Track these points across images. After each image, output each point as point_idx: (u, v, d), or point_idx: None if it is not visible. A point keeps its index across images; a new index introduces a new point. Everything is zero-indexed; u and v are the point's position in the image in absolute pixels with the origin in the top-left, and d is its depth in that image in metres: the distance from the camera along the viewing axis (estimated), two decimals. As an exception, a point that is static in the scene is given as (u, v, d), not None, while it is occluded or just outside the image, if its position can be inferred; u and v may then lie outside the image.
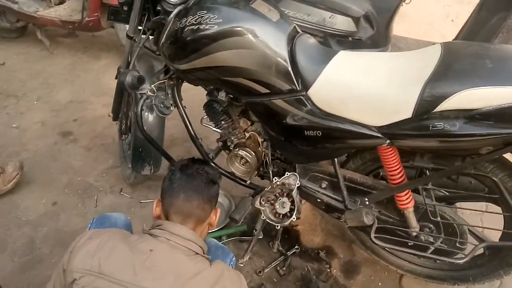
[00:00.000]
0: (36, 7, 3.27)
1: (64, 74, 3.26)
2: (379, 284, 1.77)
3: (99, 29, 3.29)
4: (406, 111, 1.11)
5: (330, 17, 2.42)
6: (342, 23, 2.45)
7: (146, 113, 1.77)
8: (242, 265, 1.70)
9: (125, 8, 1.59)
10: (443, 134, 1.06)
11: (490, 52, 1.12)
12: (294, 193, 1.51)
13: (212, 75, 1.39)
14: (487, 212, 1.38)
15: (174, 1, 1.47)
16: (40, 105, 2.89)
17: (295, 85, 1.30)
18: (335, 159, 1.42)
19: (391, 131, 1.16)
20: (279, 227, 1.53)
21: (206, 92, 1.65)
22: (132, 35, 1.62)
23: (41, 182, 2.20)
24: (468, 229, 1.43)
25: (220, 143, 1.75)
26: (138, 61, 1.82)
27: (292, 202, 1.53)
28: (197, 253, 1.04)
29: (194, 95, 1.93)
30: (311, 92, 1.28)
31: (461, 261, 1.26)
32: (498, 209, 1.35)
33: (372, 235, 1.38)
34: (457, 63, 1.10)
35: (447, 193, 1.43)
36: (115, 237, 1.00)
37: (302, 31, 1.41)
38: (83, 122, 2.71)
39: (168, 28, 1.43)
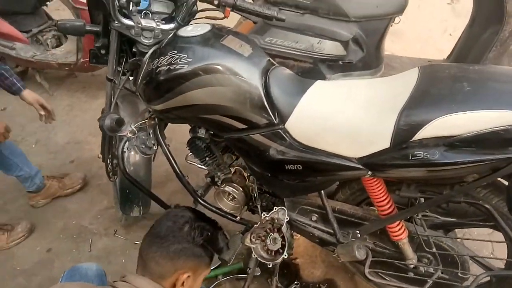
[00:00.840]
0: (33, 52, 3.34)
1: (62, 115, 3.29)
2: (385, 319, 1.66)
3: (94, 69, 3.35)
4: (383, 141, 1.06)
5: (318, 43, 2.40)
6: (331, 48, 2.43)
7: (132, 153, 1.75)
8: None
9: (103, 52, 1.60)
10: (424, 163, 1.01)
11: (469, 74, 1.07)
12: (284, 228, 1.44)
13: (189, 113, 1.36)
14: (485, 240, 1.28)
15: (148, 42, 1.48)
16: (38, 148, 2.90)
17: (271, 119, 1.26)
18: (322, 191, 1.36)
19: (371, 162, 1.11)
20: (270, 265, 1.47)
21: (189, 128, 1.63)
22: (112, 77, 1.61)
23: (37, 228, 2.18)
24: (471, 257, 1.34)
25: (208, 179, 1.71)
26: (122, 102, 1.81)
27: (283, 238, 1.46)
28: None
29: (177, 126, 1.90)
30: (288, 125, 1.24)
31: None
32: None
33: (366, 270, 1.30)
34: (433, 87, 1.05)
35: (443, 221, 1.35)
36: None
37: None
38: (80, 163, 2.71)
39: (143, 69, 1.42)
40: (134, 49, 1.52)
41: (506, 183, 1.01)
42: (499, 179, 1.09)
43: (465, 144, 0.96)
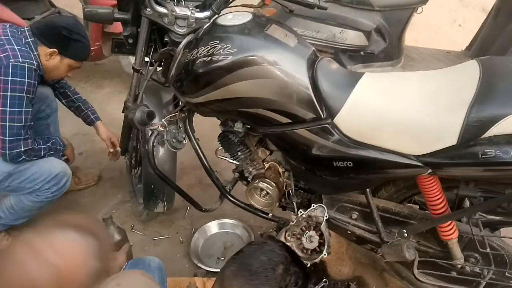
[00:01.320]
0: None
1: (68, 106, 3.19)
2: (418, 316, 1.63)
3: (101, 58, 3.22)
4: (450, 138, 1.00)
5: (340, 33, 2.34)
6: (353, 38, 2.36)
7: (156, 148, 1.68)
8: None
9: (130, 41, 1.51)
10: (495, 162, 0.95)
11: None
12: (323, 226, 1.39)
13: (228, 107, 1.29)
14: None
15: (182, 31, 1.39)
16: (45, 140, 2.80)
17: (319, 113, 1.20)
18: (368, 189, 1.30)
19: (434, 160, 1.05)
20: (309, 264, 1.41)
21: (220, 122, 1.56)
22: (139, 68, 1.53)
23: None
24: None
25: (237, 174, 1.64)
26: (146, 94, 1.73)
27: (321, 236, 1.41)
28: None
29: (202, 121, 1.83)
30: (338, 119, 1.18)
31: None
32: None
33: (415, 271, 1.26)
34: (501, 82, 1.00)
35: (491, 219, 1.30)
36: None
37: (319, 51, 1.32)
38: (89, 156, 2.62)
39: (177, 60, 1.35)
40: (166, 39, 1.43)
41: None
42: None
43: (543, 143, 0.91)
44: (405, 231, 1.29)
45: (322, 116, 1.20)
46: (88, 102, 2.03)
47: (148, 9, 1.37)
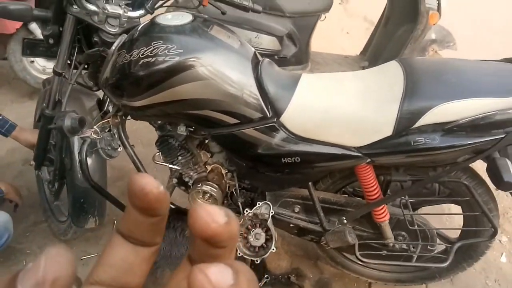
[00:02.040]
0: None
1: None
2: (352, 296, 1.79)
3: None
4: (386, 130, 1.13)
5: (256, 37, 2.43)
6: (267, 43, 2.48)
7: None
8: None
9: (51, 41, 1.37)
10: (425, 148, 1.11)
11: (446, 67, 1.21)
12: (269, 222, 1.44)
13: (174, 109, 1.26)
14: (451, 214, 1.47)
15: (114, 31, 1.32)
16: None
17: (266, 113, 1.24)
18: (310, 183, 1.39)
19: (372, 150, 1.18)
20: (258, 261, 1.45)
21: (156, 127, 1.51)
22: (61, 71, 1.40)
23: None
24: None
25: (175, 180, 1.60)
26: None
27: (267, 232, 1.46)
28: None
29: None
30: (284, 118, 1.24)
31: (445, 264, 1.33)
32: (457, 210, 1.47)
33: (357, 253, 1.38)
34: (423, 78, 1.16)
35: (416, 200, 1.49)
36: None
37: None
38: (-15, 174, 2.28)
39: (111, 62, 1.27)
40: (95, 39, 1.33)
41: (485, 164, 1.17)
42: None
43: (461, 129, 1.09)
44: (344, 218, 1.41)
45: (269, 115, 1.24)
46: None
47: (75, 6, 1.27)
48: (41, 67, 2.81)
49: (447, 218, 1.83)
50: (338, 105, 1.20)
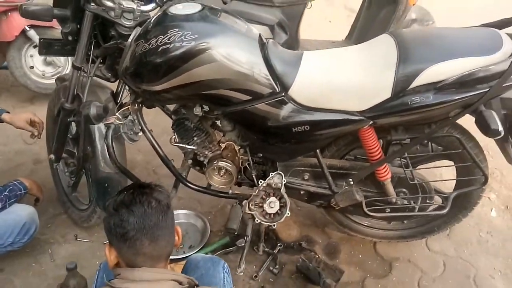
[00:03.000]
0: None
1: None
2: (360, 256, 1.94)
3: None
4: (385, 93, 1.28)
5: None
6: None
7: (103, 145, 1.65)
8: (241, 273, 1.69)
9: (70, 38, 1.48)
10: (421, 106, 1.26)
11: (432, 34, 1.37)
12: (283, 190, 1.57)
13: (191, 91, 1.38)
14: (446, 166, 1.63)
15: (130, 24, 1.43)
16: None
17: (275, 88, 1.37)
18: (317, 150, 1.53)
19: (374, 113, 1.32)
20: (275, 225, 1.59)
21: (170, 112, 1.63)
22: (80, 65, 1.51)
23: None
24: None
25: (190, 161, 1.72)
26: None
27: (280, 200, 1.59)
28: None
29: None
30: (292, 92, 1.37)
31: (445, 211, 1.49)
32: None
33: (365, 209, 1.53)
34: (413, 45, 1.32)
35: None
36: None
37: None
38: (2, 172, 2.36)
39: (130, 52, 1.39)
40: (112, 33, 1.44)
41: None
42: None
43: (450, 86, 1.24)
44: (350, 179, 1.56)
45: (278, 90, 1.38)
46: None
47: (92, 4, 1.38)
48: (40, 72, 2.89)
49: (440, 175, 1.99)
50: (340, 75, 1.35)
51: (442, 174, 2.03)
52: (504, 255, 1.95)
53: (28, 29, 2.65)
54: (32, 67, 2.85)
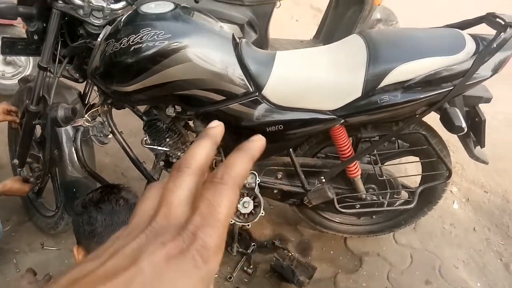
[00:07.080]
0: None
1: None
2: (331, 252, 1.99)
3: None
4: (356, 92, 1.32)
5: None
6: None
7: (71, 148, 1.60)
8: (216, 275, 1.69)
9: (36, 37, 1.42)
10: (390, 104, 1.31)
11: (400, 34, 1.42)
12: (257, 190, 1.58)
13: (164, 91, 1.36)
14: (412, 162, 1.70)
15: (99, 22, 1.40)
16: None
17: (248, 88, 1.38)
18: (291, 149, 1.55)
19: (345, 112, 1.36)
20: (249, 225, 1.59)
21: (141, 113, 1.60)
22: (46, 66, 1.45)
23: None
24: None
25: (161, 163, 1.70)
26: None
27: (255, 199, 1.60)
28: None
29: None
30: (265, 91, 1.38)
31: (412, 205, 1.55)
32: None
33: (337, 206, 1.57)
34: (383, 46, 1.36)
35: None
36: None
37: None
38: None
39: (99, 52, 1.35)
40: (80, 32, 1.40)
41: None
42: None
43: (417, 85, 1.29)
44: (323, 177, 1.59)
45: (251, 90, 1.38)
46: None
47: (60, 2, 1.33)
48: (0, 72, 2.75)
49: (405, 170, 2.08)
50: (313, 75, 1.37)
51: (407, 170, 2.11)
52: (466, 245, 2.06)
53: (-15, 27, 2.52)
54: (-11, 68, 2.71)
